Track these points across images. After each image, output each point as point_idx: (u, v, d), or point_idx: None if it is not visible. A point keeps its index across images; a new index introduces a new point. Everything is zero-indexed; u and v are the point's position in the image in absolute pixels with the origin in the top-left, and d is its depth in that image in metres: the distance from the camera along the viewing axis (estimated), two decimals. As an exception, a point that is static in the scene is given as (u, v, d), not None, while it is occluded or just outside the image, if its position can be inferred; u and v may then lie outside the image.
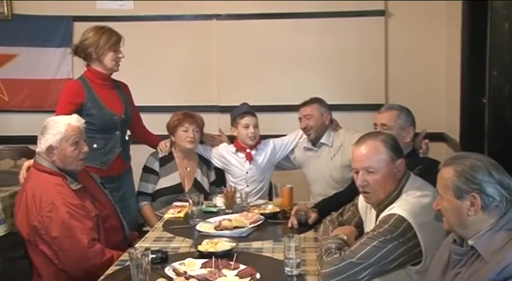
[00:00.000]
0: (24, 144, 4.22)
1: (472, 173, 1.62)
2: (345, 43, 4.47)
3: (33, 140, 2.69)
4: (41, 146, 2.60)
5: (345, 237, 2.16)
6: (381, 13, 4.41)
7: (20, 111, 4.68)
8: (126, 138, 3.33)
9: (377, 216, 2.14)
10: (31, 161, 2.74)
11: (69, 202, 2.50)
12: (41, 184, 2.55)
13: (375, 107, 3.45)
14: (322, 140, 3.44)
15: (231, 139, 3.64)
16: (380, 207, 2.14)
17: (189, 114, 3.50)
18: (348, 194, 2.73)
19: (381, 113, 2.76)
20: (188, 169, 3.49)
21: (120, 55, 3.20)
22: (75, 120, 2.69)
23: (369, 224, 2.22)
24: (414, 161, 2.44)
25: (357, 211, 2.38)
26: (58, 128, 2.60)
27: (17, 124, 4.66)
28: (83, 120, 2.73)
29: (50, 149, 2.58)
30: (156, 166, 3.44)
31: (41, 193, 2.50)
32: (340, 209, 2.50)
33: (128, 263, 2.09)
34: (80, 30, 3.32)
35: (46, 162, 2.60)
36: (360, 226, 2.34)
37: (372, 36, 4.44)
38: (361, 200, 2.33)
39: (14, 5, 4.57)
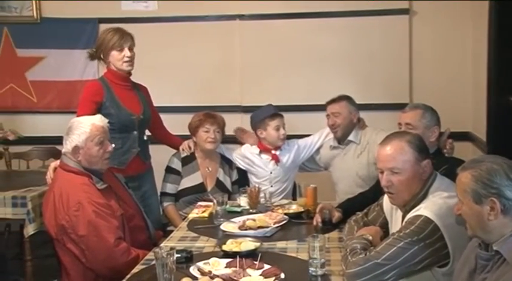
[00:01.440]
0: (52, 144, 4.29)
1: (490, 177, 1.60)
2: (369, 42, 4.44)
3: (60, 140, 2.73)
4: (66, 147, 2.64)
5: (370, 237, 2.15)
6: (405, 12, 4.37)
7: (47, 112, 4.78)
8: (145, 138, 3.35)
9: (403, 217, 2.12)
10: (57, 162, 2.79)
11: (95, 201, 2.54)
12: (67, 184, 2.58)
13: (399, 107, 3.42)
14: (349, 138, 3.42)
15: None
16: (406, 208, 2.12)
17: (210, 114, 3.51)
18: (372, 194, 2.71)
19: (406, 113, 2.73)
20: (210, 169, 3.51)
21: (128, 54, 3.17)
22: (99, 120, 2.73)
23: (395, 225, 2.20)
24: (439, 161, 2.42)
25: (381, 211, 2.37)
26: (83, 128, 2.64)
27: (44, 125, 4.75)
28: (106, 120, 2.77)
29: (75, 149, 2.61)
30: (178, 166, 3.46)
31: (68, 193, 2.54)
32: (365, 209, 2.48)
33: (153, 262, 2.10)
34: (105, 32, 3.37)
35: (72, 162, 2.64)
36: (385, 226, 2.32)
37: (395, 35, 4.41)
38: (386, 200, 2.31)
39: (43, 9, 4.66)
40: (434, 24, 4.38)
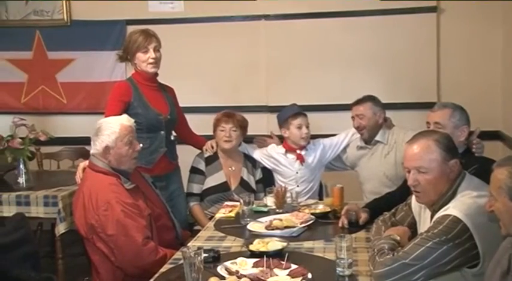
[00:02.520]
0: (81, 145, 4.36)
1: None
2: (395, 41, 4.40)
3: (89, 141, 2.77)
4: (96, 148, 2.68)
5: (398, 238, 2.13)
6: (432, 9, 4.32)
7: (77, 113, 4.85)
8: (172, 138, 3.38)
9: (431, 217, 2.09)
10: (86, 162, 2.83)
11: (124, 201, 2.57)
12: (96, 184, 2.62)
13: (427, 106, 3.38)
14: (377, 138, 3.40)
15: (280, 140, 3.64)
16: (434, 208, 2.10)
17: (226, 113, 3.53)
18: (400, 193, 2.69)
19: (434, 112, 2.70)
20: (233, 168, 3.52)
21: (152, 56, 3.19)
22: (126, 119, 2.76)
23: (423, 225, 2.18)
24: (469, 161, 2.38)
25: (410, 211, 2.34)
26: (112, 128, 2.67)
27: (74, 126, 4.83)
28: (133, 120, 2.80)
29: (106, 149, 2.65)
30: (202, 165, 3.49)
31: (97, 193, 2.57)
32: (392, 209, 2.46)
33: (180, 261, 2.12)
34: (132, 33, 3.41)
35: (101, 162, 2.68)
36: (413, 226, 2.29)
37: (423, 34, 4.36)
38: (414, 200, 2.29)
39: (73, 12, 4.75)
40: (462, 22, 4.31)
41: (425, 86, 4.37)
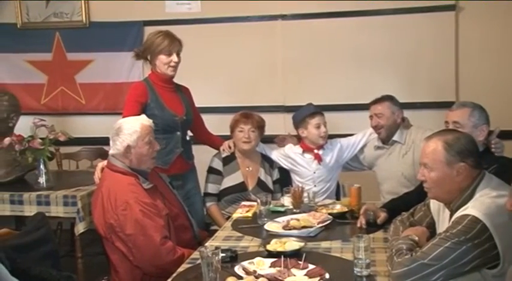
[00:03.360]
0: (99, 145, 4.41)
1: None
2: (413, 40, 4.37)
3: (107, 141, 2.80)
4: (116, 147, 2.69)
5: (416, 238, 2.12)
6: (451, 8, 4.28)
7: (95, 114, 4.90)
8: (187, 138, 3.40)
9: (450, 217, 2.08)
10: (105, 162, 2.86)
11: (142, 200, 2.59)
12: (115, 184, 2.64)
13: (445, 105, 3.35)
14: (394, 138, 3.38)
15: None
16: (452, 207, 2.08)
17: (245, 114, 3.53)
18: (418, 193, 2.65)
19: (453, 111, 2.68)
20: (250, 168, 3.53)
21: (174, 59, 3.22)
22: (146, 119, 2.79)
23: (442, 225, 2.16)
24: (489, 160, 2.36)
25: (428, 211, 2.33)
26: (134, 128, 2.69)
27: (92, 126, 4.87)
28: (151, 120, 2.82)
29: (127, 148, 2.67)
30: (219, 166, 3.50)
31: (116, 192, 2.60)
32: (411, 209, 2.45)
33: (198, 261, 2.12)
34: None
35: (119, 163, 2.70)
36: (431, 226, 2.28)
37: (441, 32, 4.32)
38: (433, 200, 2.27)
39: (91, 13, 4.79)
40: (481, 20, 4.26)
41: (443, 85, 4.33)
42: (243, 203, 3.24)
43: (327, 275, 2.02)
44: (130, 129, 2.69)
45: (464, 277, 1.94)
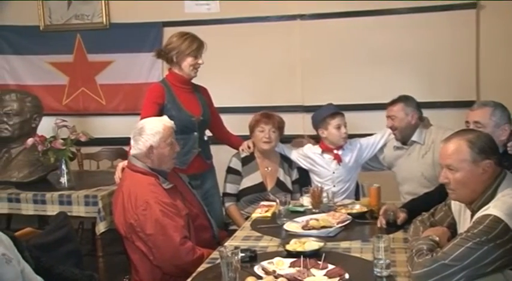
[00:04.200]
0: (119, 145, 4.45)
1: None
2: (432, 39, 4.32)
3: (127, 141, 2.82)
4: (139, 147, 2.71)
5: (437, 238, 2.10)
6: (472, 6, 4.23)
7: (115, 115, 4.94)
8: (205, 138, 3.41)
9: (471, 217, 2.06)
10: (125, 162, 2.88)
11: (162, 200, 2.60)
12: (135, 184, 2.66)
13: (465, 104, 3.33)
14: (413, 138, 3.36)
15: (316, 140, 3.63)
16: (473, 207, 2.06)
17: (265, 114, 3.53)
18: (438, 193, 2.64)
19: (474, 110, 2.65)
20: (269, 169, 3.53)
21: (200, 62, 3.26)
22: (168, 120, 2.81)
23: (463, 226, 2.14)
24: (509, 161, 2.33)
25: (449, 211, 2.31)
26: (156, 129, 2.72)
27: (112, 126, 4.92)
28: (172, 121, 2.84)
29: (150, 149, 2.69)
30: (238, 166, 3.51)
31: (136, 192, 2.62)
32: (431, 209, 2.43)
33: (218, 261, 2.12)
34: (169, 35, 3.45)
35: (139, 163, 2.72)
36: (452, 227, 2.25)
37: (461, 31, 4.27)
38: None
39: (111, 15, 4.84)
40: (503, 18, 4.20)
41: (464, 84, 4.28)
42: (262, 203, 3.24)
43: (347, 276, 2.02)
44: (153, 130, 2.71)
45: (486, 278, 1.92)
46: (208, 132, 3.50)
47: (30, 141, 3.48)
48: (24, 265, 1.97)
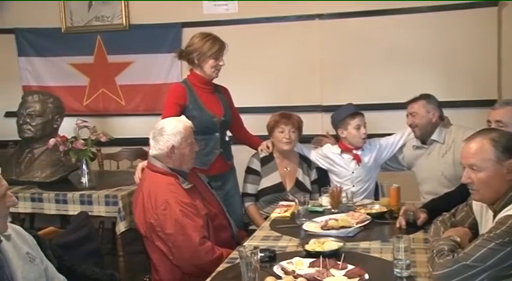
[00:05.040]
0: (139, 145, 4.49)
1: None
2: (453, 37, 4.28)
3: (146, 141, 2.84)
4: (159, 147, 2.71)
5: (458, 239, 2.07)
6: (493, 4, 4.17)
7: (135, 115, 4.98)
8: (226, 139, 3.42)
9: (494, 217, 2.03)
10: (145, 162, 2.90)
11: (182, 200, 2.61)
12: (155, 184, 2.68)
13: (486, 103, 3.28)
14: (433, 137, 3.33)
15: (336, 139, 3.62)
16: (496, 208, 2.03)
17: (285, 114, 3.53)
18: (459, 193, 2.61)
19: (496, 110, 2.62)
20: (288, 169, 3.52)
21: (221, 63, 3.27)
22: (186, 120, 2.82)
23: (485, 226, 2.11)
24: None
25: (471, 211, 2.28)
26: (177, 129, 2.73)
27: (132, 127, 4.96)
28: (190, 121, 2.85)
29: (172, 149, 2.70)
30: (257, 166, 3.51)
31: (156, 192, 2.63)
32: (452, 210, 2.40)
33: (237, 261, 2.12)
34: (188, 35, 3.47)
35: (159, 163, 2.73)
36: (474, 227, 2.23)
37: (482, 29, 4.22)
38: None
39: (131, 16, 4.88)
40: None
41: (485, 83, 4.23)
42: (281, 203, 3.23)
43: (366, 276, 2.01)
44: (174, 130, 2.72)
45: (509, 280, 1.90)
46: (228, 133, 3.50)
47: (52, 141, 3.53)
48: (47, 263, 2.00)
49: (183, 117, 2.88)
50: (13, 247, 1.86)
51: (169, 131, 2.72)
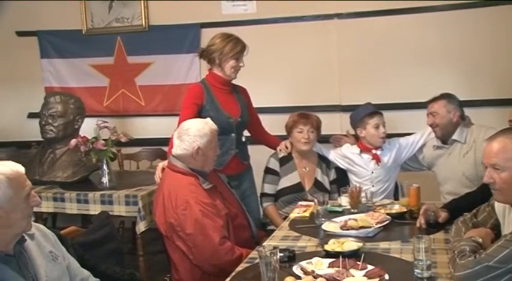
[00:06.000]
0: (158, 146, 4.52)
1: None
2: (473, 35, 4.24)
3: (165, 142, 2.85)
4: (184, 148, 2.72)
5: (480, 239, 2.05)
6: (513, 1, 4.12)
7: (154, 115, 5.02)
8: (243, 139, 3.42)
9: (517, 218, 2.01)
10: (165, 162, 2.91)
11: (202, 200, 2.62)
12: (176, 184, 2.69)
13: (508, 102, 3.24)
14: (454, 137, 3.30)
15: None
16: (518, 208, 2.02)
17: (303, 114, 3.52)
18: (480, 194, 2.58)
19: (518, 109, 2.58)
20: (307, 169, 3.52)
21: (241, 64, 3.29)
22: (212, 123, 2.82)
23: (508, 227, 2.09)
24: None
25: (493, 212, 2.25)
26: (204, 131, 2.74)
27: (152, 127, 5.00)
28: (215, 124, 2.86)
29: (197, 150, 2.71)
30: (276, 166, 3.50)
31: (176, 192, 2.65)
32: (474, 210, 2.38)
33: (256, 261, 2.13)
34: (206, 35, 3.48)
35: (180, 163, 2.74)
36: (496, 228, 2.20)
37: (504, 26, 4.17)
38: (498, 201, 2.20)
39: (151, 17, 4.91)
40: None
41: (506, 82, 4.18)
42: (300, 203, 3.23)
43: (387, 276, 2.00)
44: (200, 132, 2.73)
45: (532, 282, 1.87)
46: (246, 133, 3.50)
47: (73, 142, 3.57)
48: (69, 259, 2.02)
49: (208, 119, 2.88)
50: (37, 246, 1.89)
51: (195, 133, 2.73)
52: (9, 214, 1.75)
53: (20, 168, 1.82)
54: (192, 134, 2.72)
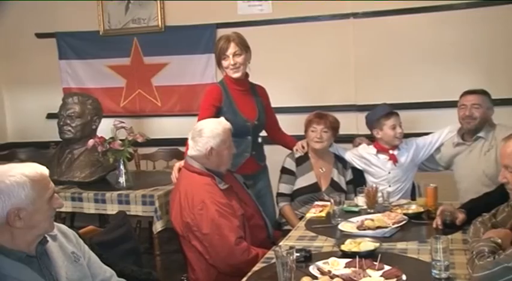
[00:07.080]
0: (174, 146, 4.54)
1: None
2: (491, 34, 4.18)
3: (182, 142, 2.86)
4: (198, 148, 2.74)
5: (499, 240, 2.02)
6: (532, -2, 4.07)
7: (171, 116, 5.04)
8: (259, 140, 3.41)
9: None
10: (181, 162, 2.93)
11: (218, 201, 2.63)
12: (192, 184, 2.71)
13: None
14: (479, 134, 3.27)
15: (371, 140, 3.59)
16: (537, 209, 1.99)
17: (318, 114, 3.51)
18: (499, 194, 2.54)
19: (538, 108, 2.55)
20: (324, 169, 3.51)
21: (231, 62, 3.23)
22: (226, 122, 2.83)
23: (527, 228, 2.07)
24: None
25: (513, 212, 2.23)
26: (217, 131, 2.75)
27: (168, 127, 5.02)
28: (229, 124, 2.86)
29: (210, 151, 2.72)
30: (292, 166, 3.50)
31: (193, 192, 2.66)
32: (493, 210, 2.35)
33: (273, 260, 2.13)
34: (222, 36, 3.48)
35: (196, 163, 2.76)
36: (516, 229, 2.18)
37: (523, 25, 4.11)
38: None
39: (167, 18, 4.93)
40: None
41: (526, 81, 4.12)
42: (316, 203, 3.22)
43: (404, 277, 1.98)
44: (213, 132, 2.74)
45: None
46: (263, 133, 3.50)
47: (90, 142, 3.60)
48: (90, 255, 2.03)
49: (222, 119, 2.88)
50: (59, 247, 1.91)
51: (208, 133, 2.74)
52: (32, 215, 1.77)
53: (44, 170, 1.84)
54: (205, 135, 2.74)
